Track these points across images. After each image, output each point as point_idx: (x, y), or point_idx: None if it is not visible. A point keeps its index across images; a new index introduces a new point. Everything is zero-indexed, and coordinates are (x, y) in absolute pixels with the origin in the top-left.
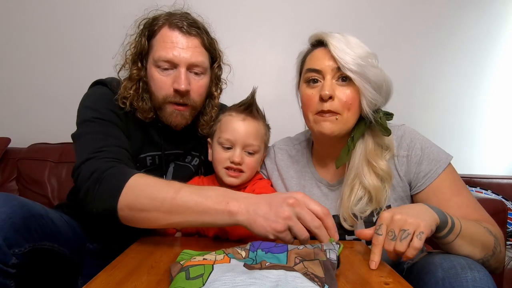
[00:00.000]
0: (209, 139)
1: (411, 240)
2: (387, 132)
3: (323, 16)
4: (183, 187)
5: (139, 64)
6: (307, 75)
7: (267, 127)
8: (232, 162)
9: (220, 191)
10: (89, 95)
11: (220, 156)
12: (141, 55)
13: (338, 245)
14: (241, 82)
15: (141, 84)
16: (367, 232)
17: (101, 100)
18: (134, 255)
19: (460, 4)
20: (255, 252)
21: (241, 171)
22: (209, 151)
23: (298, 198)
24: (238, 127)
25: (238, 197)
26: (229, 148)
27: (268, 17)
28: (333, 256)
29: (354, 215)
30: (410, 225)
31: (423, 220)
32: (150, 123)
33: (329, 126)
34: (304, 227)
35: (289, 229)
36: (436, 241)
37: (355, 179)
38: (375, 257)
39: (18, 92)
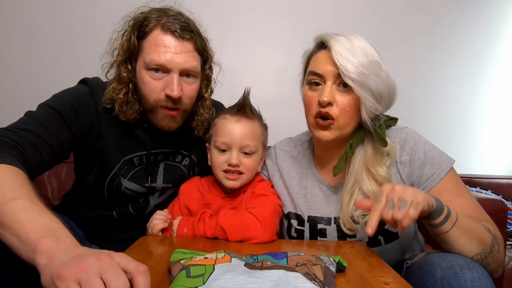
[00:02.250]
0: (207, 144)
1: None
2: (384, 143)
3: (323, 15)
4: (26, 199)
5: (129, 66)
6: (309, 77)
7: (264, 127)
8: (229, 165)
9: (53, 223)
10: (67, 89)
11: (217, 160)
12: (130, 56)
13: (336, 259)
14: (241, 81)
15: (130, 86)
16: (367, 202)
17: (69, 95)
18: (134, 255)
19: (459, 4)
20: (255, 257)
21: (240, 172)
22: (208, 156)
23: (110, 255)
24: (233, 129)
25: (61, 238)
26: (225, 151)
27: (268, 17)
28: (332, 268)
29: (353, 219)
30: (409, 195)
31: (421, 193)
32: (135, 123)
33: (326, 134)
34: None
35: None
36: (433, 231)
37: (355, 185)
38: (372, 223)
39: (18, 93)
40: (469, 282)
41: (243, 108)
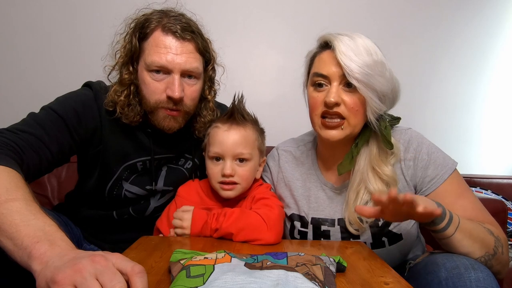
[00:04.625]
0: (204, 153)
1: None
2: (390, 145)
3: (322, 16)
4: (21, 201)
5: (130, 68)
6: (314, 79)
7: (260, 131)
8: (223, 175)
9: (47, 226)
10: (70, 92)
11: (212, 171)
12: (132, 57)
13: (336, 259)
14: (241, 82)
15: (132, 88)
16: (368, 209)
17: (73, 99)
18: (134, 255)
19: (459, 4)
20: (255, 257)
21: (234, 183)
22: (206, 165)
23: (105, 256)
24: (224, 138)
25: (55, 242)
26: (219, 161)
27: (268, 17)
28: (332, 268)
29: (361, 219)
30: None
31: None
32: (138, 128)
33: (334, 134)
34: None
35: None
36: (436, 236)
37: (360, 184)
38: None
39: (21, 93)
40: (474, 282)
41: (233, 115)
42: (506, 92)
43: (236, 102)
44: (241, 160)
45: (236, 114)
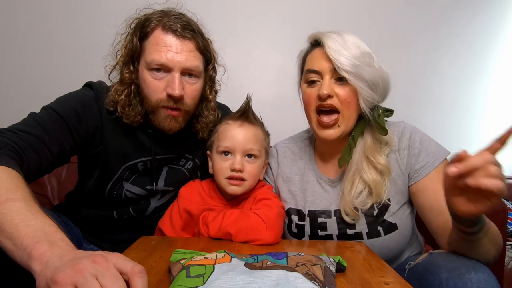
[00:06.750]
0: (208, 152)
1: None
2: (384, 131)
3: (322, 16)
4: (21, 201)
5: (131, 67)
6: (307, 76)
7: (266, 133)
8: (233, 170)
9: (47, 226)
10: (71, 92)
11: (220, 166)
12: (132, 57)
13: (336, 259)
14: (241, 82)
15: (132, 87)
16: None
17: (74, 99)
18: (134, 255)
19: (459, 4)
20: (255, 257)
21: (242, 179)
22: (209, 164)
23: (105, 256)
24: (236, 134)
25: (55, 242)
26: (229, 156)
27: (268, 17)
28: (332, 268)
29: (356, 208)
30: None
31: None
32: (139, 128)
33: (331, 133)
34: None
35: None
36: (466, 237)
37: (355, 174)
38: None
39: (22, 93)
40: (475, 283)
41: (246, 113)
42: (506, 92)
43: (249, 103)
44: (250, 156)
45: (249, 113)
